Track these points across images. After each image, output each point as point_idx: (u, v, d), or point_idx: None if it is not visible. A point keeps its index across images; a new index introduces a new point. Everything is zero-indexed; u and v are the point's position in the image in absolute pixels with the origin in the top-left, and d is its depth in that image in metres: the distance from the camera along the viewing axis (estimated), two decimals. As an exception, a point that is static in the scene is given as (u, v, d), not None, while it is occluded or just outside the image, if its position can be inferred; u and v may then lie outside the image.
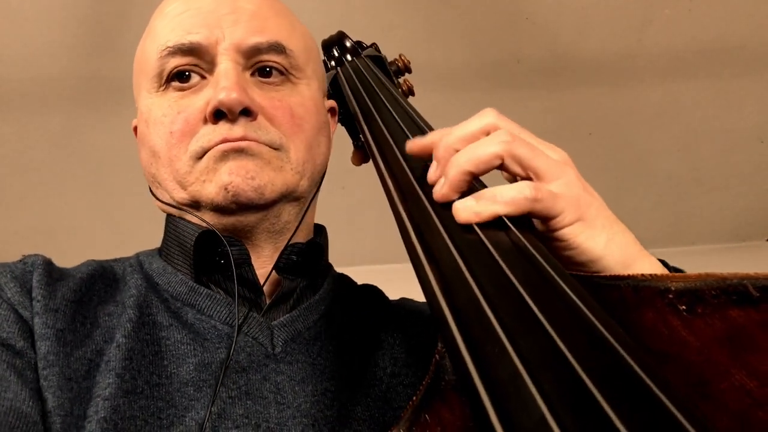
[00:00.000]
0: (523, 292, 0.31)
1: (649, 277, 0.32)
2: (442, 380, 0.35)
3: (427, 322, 0.67)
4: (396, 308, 0.70)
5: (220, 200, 0.56)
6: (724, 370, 0.29)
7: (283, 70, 0.62)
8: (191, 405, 0.50)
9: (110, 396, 0.48)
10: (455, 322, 0.30)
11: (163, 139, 0.59)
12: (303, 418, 0.52)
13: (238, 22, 0.60)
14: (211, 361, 0.53)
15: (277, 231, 0.61)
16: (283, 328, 0.58)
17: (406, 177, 0.47)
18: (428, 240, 0.38)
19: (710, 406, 0.29)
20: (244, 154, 0.57)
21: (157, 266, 0.62)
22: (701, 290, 0.30)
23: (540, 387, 0.26)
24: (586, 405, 0.25)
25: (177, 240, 0.61)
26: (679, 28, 1.71)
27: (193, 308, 0.57)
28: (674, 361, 0.30)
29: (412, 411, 0.34)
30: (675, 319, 0.31)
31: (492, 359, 0.28)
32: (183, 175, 0.58)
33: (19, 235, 2.02)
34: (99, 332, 0.52)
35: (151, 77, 0.60)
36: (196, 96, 0.59)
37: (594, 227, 0.44)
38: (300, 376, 0.55)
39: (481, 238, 0.37)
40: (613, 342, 0.28)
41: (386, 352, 0.62)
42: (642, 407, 0.25)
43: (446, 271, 0.34)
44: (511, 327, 0.29)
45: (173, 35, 0.59)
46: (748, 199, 2.19)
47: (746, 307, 0.29)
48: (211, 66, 0.59)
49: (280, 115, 0.60)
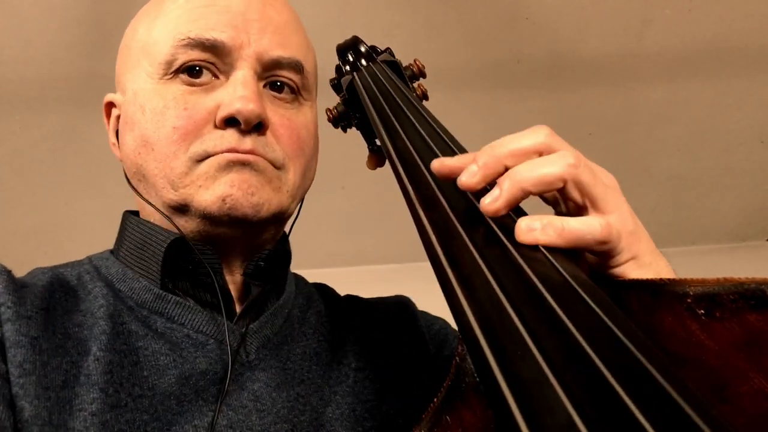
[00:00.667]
0: (544, 293, 0.31)
1: (667, 282, 0.32)
2: (462, 382, 0.35)
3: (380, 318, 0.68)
4: (347, 304, 0.70)
5: (214, 210, 0.54)
6: (742, 374, 0.29)
7: (296, 88, 0.61)
8: (174, 419, 0.49)
9: (98, 411, 0.47)
10: (479, 326, 0.30)
11: (162, 131, 0.56)
12: (284, 424, 0.53)
13: (265, 30, 0.58)
14: (192, 374, 0.52)
15: (254, 246, 0.61)
16: (254, 335, 0.58)
17: (427, 185, 0.46)
18: (450, 247, 0.38)
19: (728, 409, 0.29)
20: (249, 168, 0.55)
21: (115, 271, 0.59)
22: (719, 295, 0.31)
23: (566, 387, 0.26)
24: (612, 405, 0.25)
25: (140, 243, 0.59)
26: (679, 28, 1.72)
27: (162, 317, 0.55)
28: (693, 364, 0.31)
29: (434, 413, 0.34)
30: (693, 323, 0.31)
31: (516, 360, 0.28)
32: (178, 175, 0.56)
33: (19, 235, 2.01)
34: (71, 344, 0.51)
35: (157, 62, 0.58)
36: (206, 95, 0.57)
37: (643, 265, 0.42)
38: (275, 382, 0.55)
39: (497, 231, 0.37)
40: (633, 344, 0.28)
41: (348, 349, 0.62)
42: (664, 410, 0.25)
43: (468, 273, 0.34)
44: (535, 328, 0.29)
45: (195, 26, 0.57)
46: (748, 199, 2.20)
47: (764, 312, 0.30)
48: (229, 68, 0.58)
49: (287, 135, 0.59)
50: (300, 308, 0.65)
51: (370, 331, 0.66)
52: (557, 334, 0.29)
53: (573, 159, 0.41)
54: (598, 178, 0.42)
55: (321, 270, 2.44)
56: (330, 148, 2.03)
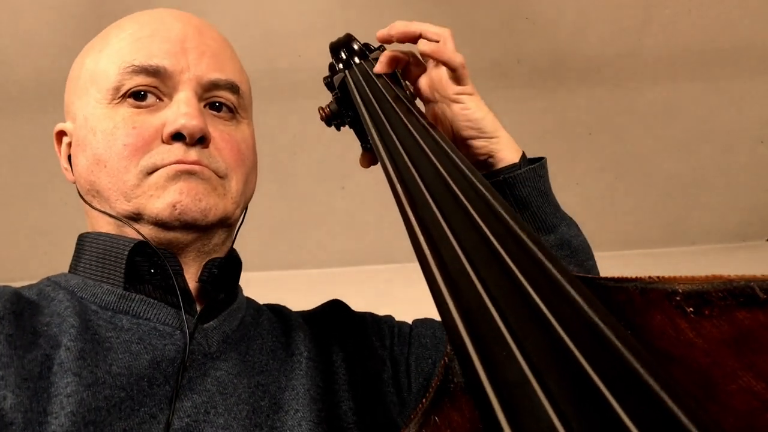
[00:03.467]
0: (531, 291, 0.31)
1: (656, 279, 0.32)
2: (450, 382, 0.35)
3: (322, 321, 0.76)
4: (295, 315, 0.77)
5: (165, 216, 0.60)
6: (731, 372, 0.29)
7: (233, 108, 0.68)
8: (144, 400, 0.53)
9: (72, 392, 0.50)
10: (464, 325, 0.30)
11: (113, 149, 0.61)
12: (245, 405, 0.58)
13: (203, 56, 0.65)
14: (162, 359, 0.56)
15: (206, 252, 0.66)
16: (215, 330, 0.62)
17: (415, 183, 0.47)
18: (437, 245, 0.38)
19: (717, 408, 0.29)
20: (196, 177, 0.61)
21: (75, 282, 0.62)
22: (708, 292, 0.30)
23: (548, 388, 0.26)
24: (596, 405, 0.25)
25: (102, 254, 0.63)
26: (679, 28, 1.72)
27: (127, 314, 0.59)
28: (681, 363, 0.30)
29: (422, 413, 0.34)
30: (682, 321, 0.31)
31: (500, 362, 0.28)
32: (130, 187, 0.61)
33: (19, 235, 2.01)
34: (43, 340, 0.54)
35: (105, 89, 0.63)
36: (151, 116, 0.62)
37: (479, 101, 0.71)
38: (236, 370, 0.60)
39: (487, 234, 0.37)
40: (618, 342, 0.28)
41: (298, 345, 0.69)
42: (650, 410, 0.25)
43: (455, 275, 0.34)
44: (519, 328, 0.29)
45: (139, 55, 0.63)
46: (748, 199, 2.20)
47: (753, 309, 0.29)
48: (171, 91, 0.63)
49: (227, 148, 0.65)
50: (252, 316, 0.70)
51: (317, 328, 0.74)
52: (542, 334, 0.29)
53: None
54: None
55: (321, 270, 2.44)
56: (330, 148, 2.02)
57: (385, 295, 0.70)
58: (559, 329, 0.29)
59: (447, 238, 0.38)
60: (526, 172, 0.69)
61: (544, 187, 0.71)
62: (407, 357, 0.74)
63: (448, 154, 0.50)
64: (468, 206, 0.41)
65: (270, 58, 1.70)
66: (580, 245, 0.71)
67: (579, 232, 0.73)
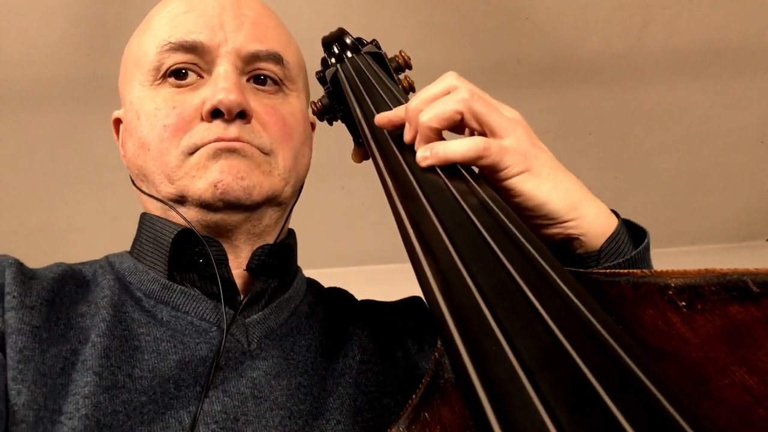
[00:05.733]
0: (524, 288, 0.31)
1: (648, 273, 0.32)
2: (441, 378, 0.34)
3: (392, 316, 0.70)
4: (361, 305, 0.72)
5: (208, 197, 0.57)
6: (724, 366, 0.29)
7: (278, 80, 0.64)
8: (171, 403, 0.50)
9: (90, 393, 0.48)
10: (453, 319, 0.30)
11: (155, 131, 0.59)
12: (280, 411, 0.53)
13: (241, 27, 0.62)
14: (192, 359, 0.54)
15: (258, 234, 0.63)
16: (257, 325, 0.59)
17: (405, 176, 0.46)
18: (427, 238, 0.38)
19: (710, 403, 0.29)
20: (237, 154, 0.58)
21: (128, 265, 0.62)
22: (701, 286, 0.30)
23: (536, 383, 0.26)
24: (587, 401, 0.25)
25: (152, 238, 0.62)
26: (679, 28, 1.71)
27: (167, 306, 0.57)
28: (673, 357, 0.30)
29: (412, 409, 0.34)
30: (674, 316, 0.31)
31: (489, 357, 0.28)
32: (173, 169, 0.59)
33: (19, 235, 2.01)
34: (73, 333, 0.52)
35: (147, 70, 0.62)
36: (192, 94, 0.60)
37: (539, 177, 0.50)
38: (275, 371, 0.56)
39: (478, 227, 0.37)
40: (609, 336, 0.28)
41: (354, 343, 0.64)
42: (640, 405, 0.25)
43: (444, 268, 0.34)
44: (510, 323, 0.29)
45: (176, 32, 0.61)
46: (748, 199, 2.19)
47: (746, 303, 0.29)
48: (210, 67, 0.61)
49: (272, 122, 0.62)
50: (309, 304, 0.66)
51: (380, 326, 0.68)
52: (533, 329, 0.29)
53: (467, 94, 0.50)
54: (494, 108, 0.51)
55: (321, 270, 2.43)
56: (330, 148, 2.03)
57: (385, 295, 0.70)
58: (550, 324, 0.29)
59: (438, 232, 0.38)
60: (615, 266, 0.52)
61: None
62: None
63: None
64: (460, 200, 0.41)
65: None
66: None
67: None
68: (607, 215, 0.53)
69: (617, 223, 0.53)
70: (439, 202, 0.41)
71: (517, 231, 0.36)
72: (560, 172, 0.52)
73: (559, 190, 0.50)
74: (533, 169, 0.50)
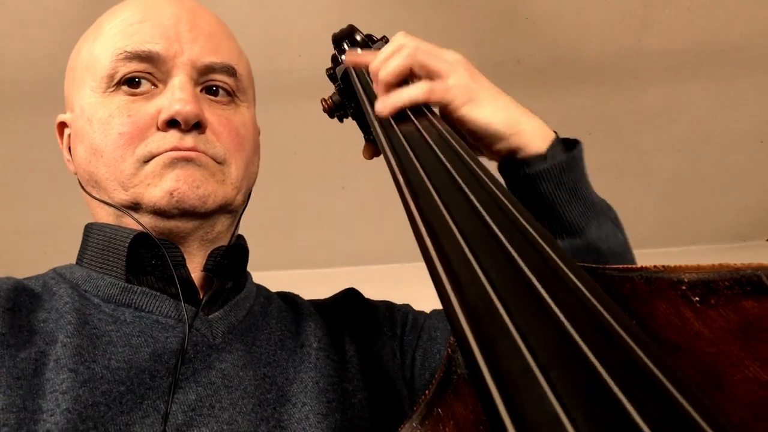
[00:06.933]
0: (534, 282, 0.31)
1: (662, 269, 0.32)
2: (454, 374, 0.34)
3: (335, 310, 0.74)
4: (308, 304, 0.75)
5: (163, 204, 0.59)
6: (738, 361, 0.29)
7: (231, 91, 0.67)
8: (147, 393, 0.52)
9: (68, 389, 0.49)
10: (465, 315, 0.30)
11: (108, 138, 0.60)
12: (251, 399, 0.56)
13: (197, 39, 0.64)
14: (164, 351, 0.55)
15: (210, 240, 0.65)
16: (219, 321, 0.61)
17: (417, 173, 0.46)
18: (439, 236, 0.38)
19: (723, 397, 0.29)
20: (193, 163, 0.60)
21: (80, 275, 0.62)
22: (714, 281, 0.30)
23: (550, 379, 0.25)
24: (601, 396, 0.25)
25: (104, 245, 0.63)
26: (679, 28, 1.72)
27: (129, 307, 0.58)
28: (687, 353, 0.30)
29: (425, 404, 0.34)
30: (688, 311, 0.31)
31: (502, 352, 0.28)
32: (127, 176, 0.60)
33: (19, 235, 2.01)
34: (39, 337, 0.53)
35: (100, 77, 0.62)
36: (147, 103, 0.61)
37: (481, 104, 0.59)
38: (241, 362, 0.59)
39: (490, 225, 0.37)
40: (623, 332, 0.28)
41: (309, 335, 0.67)
42: (654, 400, 0.25)
43: (457, 265, 0.34)
44: (523, 318, 0.29)
45: (131, 41, 0.62)
46: (748, 199, 2.20)
47: (760, 298, 0.29)
48: (165, 77, 0.62)
49: (225, 133, 0.64)
50: (261, 305, 0.69)
51: (329, 317, 0.72)
52: (546, 324, 0.28)
53: (411, 49, 0.59)
54: (435, 56, 0.60)
55: (321, 270, 2.44)
56: (329, 148, 2.02)
57: (385, 295, 0.70)
58: (563, 319, 0.29)
59: (449, 228, 0.38)
60: (550, 167, 0.59)
61: (571, 181, 0.60)
62: (414, 350, 0.71)
63: (450, 144, 0.50)
64: (471, 196, 0.41)
65: (270, 58, 1.70)
66: (611, 249, 0.61)
67: (615, 232, 0.63)
68: (544, 129, 0.62)
69: (554, 135, 0.62)
70: (452, 199, 0.41)
71: (530, 227, 0.36)
72: (500, 96, 0.61)
73: (500, 110, 0.60)
74: (475, 98, 0.59)
